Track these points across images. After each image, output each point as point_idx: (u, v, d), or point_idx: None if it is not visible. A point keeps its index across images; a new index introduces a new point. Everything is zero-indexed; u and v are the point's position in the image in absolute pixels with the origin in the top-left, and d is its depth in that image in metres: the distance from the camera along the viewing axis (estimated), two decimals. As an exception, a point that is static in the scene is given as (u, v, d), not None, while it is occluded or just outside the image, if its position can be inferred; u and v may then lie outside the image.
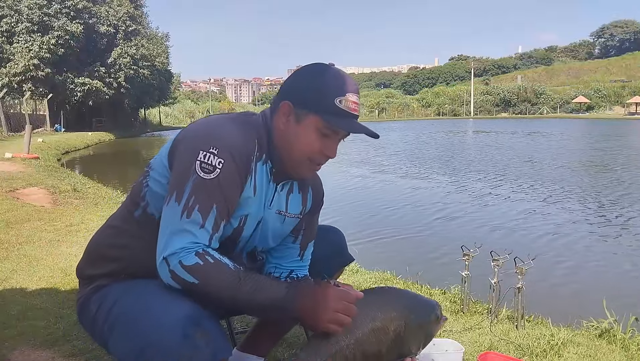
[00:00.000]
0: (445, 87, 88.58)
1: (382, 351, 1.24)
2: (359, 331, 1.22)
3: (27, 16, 30.84)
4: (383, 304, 1.27)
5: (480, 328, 2.45)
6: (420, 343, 1.32)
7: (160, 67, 41.58)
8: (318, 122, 1.22)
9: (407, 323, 1.27)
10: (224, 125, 1.24)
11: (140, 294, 1.19)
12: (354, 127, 1.25)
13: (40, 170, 9.98)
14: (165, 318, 1.08)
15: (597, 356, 2.20)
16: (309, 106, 1.23)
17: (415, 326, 1.28)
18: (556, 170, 12.56)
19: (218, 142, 1.18)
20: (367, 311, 1.23)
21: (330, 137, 1.24)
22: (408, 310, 1.28)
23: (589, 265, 5.08)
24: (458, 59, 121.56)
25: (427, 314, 1.32)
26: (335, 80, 1.24)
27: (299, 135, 1.24)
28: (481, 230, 6.37)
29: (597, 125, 40.47)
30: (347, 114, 1.23)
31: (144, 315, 1.11)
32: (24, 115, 24.31)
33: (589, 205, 8.12)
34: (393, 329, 1.25)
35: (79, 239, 4.12)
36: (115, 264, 1.32)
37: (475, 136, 29.10)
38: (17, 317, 2.43)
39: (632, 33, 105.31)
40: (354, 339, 1.21)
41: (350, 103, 1.23)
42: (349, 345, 1.21)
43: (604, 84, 76.22)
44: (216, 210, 1.17)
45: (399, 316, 1.26)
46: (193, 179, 1.15)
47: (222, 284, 1.13)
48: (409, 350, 1.30)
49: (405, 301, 1.32)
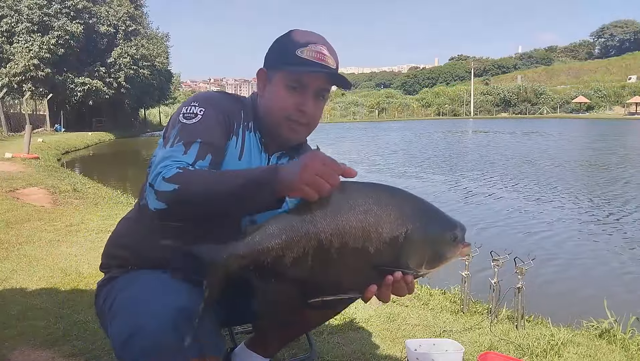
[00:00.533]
0: (445, 87, 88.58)
1: (369, 250, 1.06)
2: (344, 218, 1.05)
3: (27, 16, 30.83)
4: (385, 200, 1.08)
5: (480, 328, 2.45)
6: (423, 260, 1.10)
7: (160, 67, 41.57)
8: (284, 76, 1.27)
9: (410, 230, 1.07)
10: (210, 92, 1.37)
11: (142, 285, 1.22)
12: (314, 71, 1.26)
13: (40, 170, 9.98)
14: (159, 307, 1.10)
15: (597, 356, 2.20)
16: (275, 65, 1.29)
17: (419, 238, 1.08)
18: (555, 170, 12.56)
19: (200, 98, 1.30)
20: (361, 201, 1.06)
21: (299, 90, 1.27)
22: (415, 217, 1.09)
23: (589, 265, 5.08)
24: (458, 59, 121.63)
25: (441, 230, 1.11)
26: (297, 35, 1.29)
27: (272, 94, 1.30)
28: (481, 230, 6.37)
29: (597, 125, 40.46)
30: (311, 63, 1.26)
31: (141, 303, 1.14)
32: (24, 115, 24.32)
33: (589, 205, 8.12)
34: (389, 231, 1.06)
35: (79, 239, 4.12)
36: (125, 252, 1.37)
37: (474, 136, 29.10)
38: (17, 317, 2.43)
39: (632, 33, 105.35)
40: (335, 224, 1.04)
41: (313, 52, 1.26)
42: (327, 228, 1.04)
43: (604, 83, 76.17)
44: (199, 144, 1.20)
45: (400, 220, 1.07)
46: (177, 127, 1.23)
47: (203, 180, 1.10)
48: (406, 263, 1.09)
49: (415, 207, 1.12)
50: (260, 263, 1.05)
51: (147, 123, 50.29)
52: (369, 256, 1.06)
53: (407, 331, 2.41)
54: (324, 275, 1.06)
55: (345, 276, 1.08)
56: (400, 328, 2.44)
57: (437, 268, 1.12)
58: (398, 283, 1.09)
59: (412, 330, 2.44)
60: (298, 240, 1.04)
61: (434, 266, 1.12)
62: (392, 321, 2.53)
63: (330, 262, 1.05)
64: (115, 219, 5.16)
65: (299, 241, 1.04)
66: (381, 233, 1.06)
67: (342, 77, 1.31)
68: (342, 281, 1.08)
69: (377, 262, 1.07)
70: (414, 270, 1.10)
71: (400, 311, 2.66)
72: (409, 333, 2.40)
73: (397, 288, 1.10)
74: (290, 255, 1.04)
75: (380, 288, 1.10)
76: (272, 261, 1.05)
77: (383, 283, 1.09)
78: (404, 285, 1.10)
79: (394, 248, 1.07)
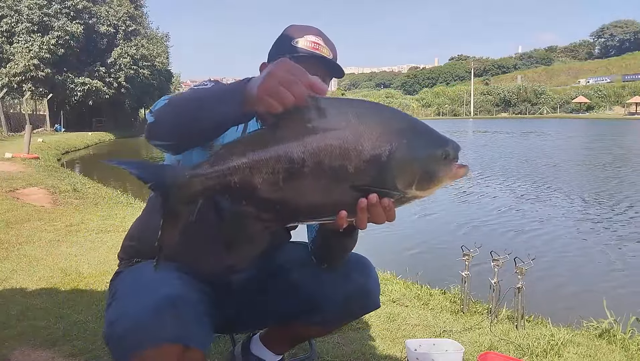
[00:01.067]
0: (445, 87, 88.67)
1: (347, 169, 0.94)
2: (319, 135, 0.93)
3: (27, 16, 30.85)
4: (368, 116, 0.96)
5: (480, 328, 2.45)
6: (413, 180, 0.98)
7: (160, 67, 41.60)
8: None
9: (396, 147, 0.95)
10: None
11: (136, 276, 1.26)
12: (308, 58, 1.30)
13: (40, 170, 9.98)
14: (146, 294, 1.13)
15: (597, 356, 2.20)
16: (274, 56, 1.35)
17: (406, 156, 0.96)
18: (556, 170, 12.56)
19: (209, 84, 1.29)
20: (340, 117, 0.94)
21: None
22: (402, 133, 0.97)
23: (589, 264, 5.08)
24: (458, 59, 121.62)
25: (431, 146, 0.99)
26: (294, 29, 1.37)
27: None
28: (481, 230, 6.37)
29: (597, 125, 40.46)
30: (305, 51, 1.32)
31: (131, 293, 1.19)
32: (24, 115, 24.33)
33: (589, 205, 8.11)
34: (371, 147, 0.94)
35: (79, 239, 4.12)
36: (133, 242, 1.43)
37: (474, 136, 29.11)
38: (17, 317, 2.43)
39: (632, 33, 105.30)
40: (309, 141, 0.93)
41: (309, 42, 1.33)
42: (299, 145, 0.92)
43: (604, 84, 76.24)
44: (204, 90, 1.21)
45: (384, 136, 0.95)
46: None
47: (189, 92, 1.13)
48: (392, 183, 0.97)
49: (402, 123, 0.99)
50: (227, 184, 0.94)
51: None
52: (348, 176, 0.94)
53: (407, 331, 2.41)
54: (299, 197, 0.95)
55: (323, 199, 0.96)
56: (400, 328, 2.44)
57: (429, 190, 1.00)
58: (374, 208, 0.97)
59: (412, 330, 2.44)
60: (267, 160, 0.93)
61: (426, 187, 1.00)
62: (392, 321, 2.53)
63: (305, 184, 0.94)
64: (115, 219, 5.16)
65: (268, 160, 0.93)
66: (361, 151, 0.94)
67: (335, 65, 1.36)
68: (320, 204, 0.97)
69: (359, 183, 0.96)
70: (401, 192, 0.98)
71: (400, 311, 2.67)
72: (409, 333, 2.40)
73: (374, 213, 0.98)
74: (258, 175, 0.94)
75: (354, 213, 0.98)
76: (240, 182, 0.94)
77: (357, 206, 0.97)
78: (381, 210, 0.98)
79: (378, 167, 0.95)
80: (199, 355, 1.13)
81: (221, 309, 1.38)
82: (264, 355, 1.64)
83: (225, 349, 2.04)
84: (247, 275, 1.43)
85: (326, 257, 1.38)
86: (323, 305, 1.44)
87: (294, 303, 1.46)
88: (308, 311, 1.46)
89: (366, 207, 0.97)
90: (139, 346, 1.05)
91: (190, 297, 1.16)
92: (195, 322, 1.14)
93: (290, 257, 1.48)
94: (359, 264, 1.48)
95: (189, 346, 1.10)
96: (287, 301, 1.46)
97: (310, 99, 0.93)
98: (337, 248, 1.34)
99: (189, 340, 1.10)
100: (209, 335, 1.21)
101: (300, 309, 1.46)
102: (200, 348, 1.13)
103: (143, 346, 1.05)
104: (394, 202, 0.99)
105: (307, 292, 1.44)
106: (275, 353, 1.65)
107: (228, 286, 1.42)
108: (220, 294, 1.38)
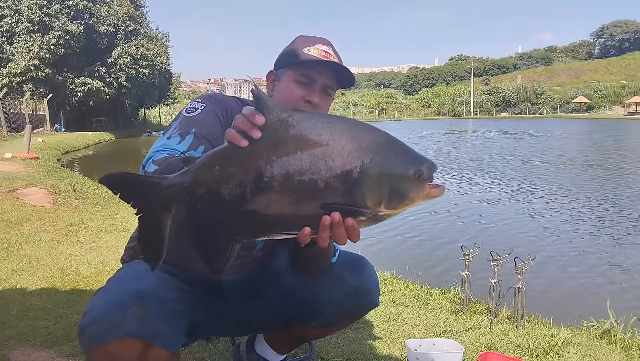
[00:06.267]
0: (445, 87, 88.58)
1: (317, 184, 0.93)
2: (289, 149, 0.93)
3: (27, 16, 30.82)
4: (340, 131, 0.96)
5: (480, 328, 2.45)
6: (382, 198, 0.96)
7: (160, 67, 41.54)
8: (292, 73, 1.36)
9: (367, 164, 0.95)
10: (215, 93, 1.46)
11: (123, 273, 1.28)
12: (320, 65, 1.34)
13: (40, 170, 9.98)
14: (117, 288, 1.16)
15: (597, 356, 2.20)
16: (284, 65, 1.39)
17: (377, 173, 0.95)
18: (555, 169, 12.56)
19: (204, 96, 1.42)
20: (312, 131, 0.94)
21: (308, 84, 1.35)
22: (374, 150, 0.96)
23: (589, 265, 5.07)
24: (458, 58, 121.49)
25: (404, 165, 0.98)
26: (303, 39, 1.41)
27: (281, 89, 1.38)
28: (481, 230, 6.37)
29: (597, 125, 40.45)
30: (317, 59, 1.35)
31: (108, 287, 1.22)
32: (24, 115, 24.32)
33: (589, 205, 8.11)
34: (342, 164, 0.94)
35: (79, 239, 4.12)
36: (133, 243, 1.45)
37: (474, 136, 29.10)
38: (17, 317, 2.43)
39: (632, 33, 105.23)
40: (279, 155, 0.93)
41: (319, 51, 1.36)
42: (268, 159, 0.93)
43: (603, 83, 76.18)
44: (194, 135, 1.28)
45: (356, 152, 0.95)
46: (179, 119, 1.34)
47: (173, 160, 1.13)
48: (362, 201, 0.96)
49: (376, 139, 0.98)
50: (195, 195, 0.96)
51: (147, 123, 50.28)
52: (316, 192, 0.94)
53: (407, 331, 2.41)
54: (266, 210, 0.95)
55: (290, 214, 0.96)
56: (400, 328, 2.44)
57: (399, 209, 0.99)
58: (337, 227, 0.95)
59: (412, 330, 2.44)
60: (234, 172, 0.94)
61: (395, 206, 0.98)
62: (392, 321, 2.53)
63: (272, 197, 0.94)
64: (115, 219, 5.16)
65: (235, 173, 0.94)
66: (332, 167, 0.93)
67: (347, 73, 1.37)
68: (286, 219, 0.96)
69: (328, 199, 0.95)
70: (372, 210, 0.97)
71: (400, 311, 2.67)
72: (409, 333, 2.40)
73: (336, 233, 0.95)
74: (226, 187, 0.94)
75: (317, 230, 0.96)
76: (208, 194, 0.95)
77: (320, 224, 0.95)
78: (343, 231, 0.95)
79: (348, 183, 0.94)
80: (164, 354, 1.12)
81: (219, 313, 1.38)
82: (268, 355, 1.65)
83: (225, 349, 2.04)
84: (242, 279, 1.42)
85: (302, 267, 1.36)
86: (321, 307, 1.44)
87: (292, 307, 1.46)
88: (307, 314, 1.46)
89: (329, 226, 0.94)
90: (102, 338, 1.09)
91: (165, 295, 1.17)
92: (163, 320, 1.13)
93: (287, 261, 1.48)
94: (355, 264, 1.48)
95: (153, 343, 1.10)
96: (285, 305, 1.46)
97: (286, 114, 0.95)
98: (312, 258, 1.30)
99: (153, 337, 1.10)
100: (179, 335, 1.20)
101: (299, 312, 1.46)
102: (166, 347, 1.13)
103: (105, 339, 1.08)
104: (362, 221, 0.98)
105: (305, 295, 1.43)
106: (279, 353, 1.65)
107: (221, 290, 1.40)
108: (217, 298, 1.38)
